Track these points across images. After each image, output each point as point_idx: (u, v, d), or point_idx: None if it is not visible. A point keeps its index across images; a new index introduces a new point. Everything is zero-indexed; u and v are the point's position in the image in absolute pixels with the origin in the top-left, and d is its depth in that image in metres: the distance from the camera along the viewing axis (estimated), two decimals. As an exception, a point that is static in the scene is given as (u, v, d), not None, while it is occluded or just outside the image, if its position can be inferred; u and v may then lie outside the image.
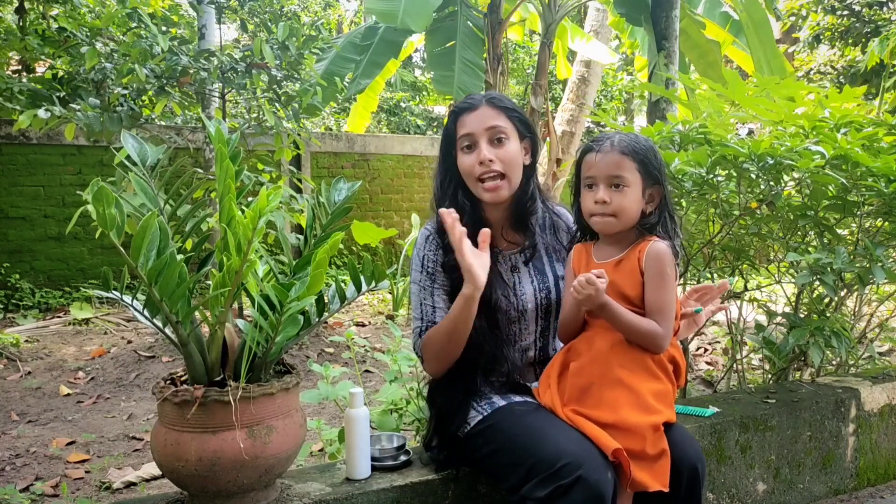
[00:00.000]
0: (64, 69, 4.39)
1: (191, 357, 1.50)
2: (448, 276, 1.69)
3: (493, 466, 1.63)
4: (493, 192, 1.68)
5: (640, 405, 1.48)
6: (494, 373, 1.73)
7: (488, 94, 1.77)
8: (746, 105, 2.59)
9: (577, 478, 1.39)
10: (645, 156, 1.56)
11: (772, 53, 5.38)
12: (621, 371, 1.51)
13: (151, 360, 4.36)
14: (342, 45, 6.00)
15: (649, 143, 1.60)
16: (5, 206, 6.44)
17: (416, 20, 5.11)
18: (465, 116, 1.70)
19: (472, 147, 1.68)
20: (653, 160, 1.57)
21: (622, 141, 1.57)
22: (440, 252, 1.71)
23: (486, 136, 1.67)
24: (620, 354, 1.52)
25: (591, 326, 1.60)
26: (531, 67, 12.51)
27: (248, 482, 1.49)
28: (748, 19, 5.28)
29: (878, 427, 2.58)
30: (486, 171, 1.66)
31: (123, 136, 1.64)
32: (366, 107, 7.72)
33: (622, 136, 1.59)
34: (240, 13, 4.32)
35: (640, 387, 1.50)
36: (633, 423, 1.46)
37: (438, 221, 1.68)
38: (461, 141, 1.70)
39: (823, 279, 2.25)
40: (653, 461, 1.45)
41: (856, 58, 9.26)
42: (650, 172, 1.56)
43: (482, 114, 1.69)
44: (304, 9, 13.23)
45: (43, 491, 2.59)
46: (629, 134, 1.61)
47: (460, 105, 1.73)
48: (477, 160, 1.66)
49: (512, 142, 1.69)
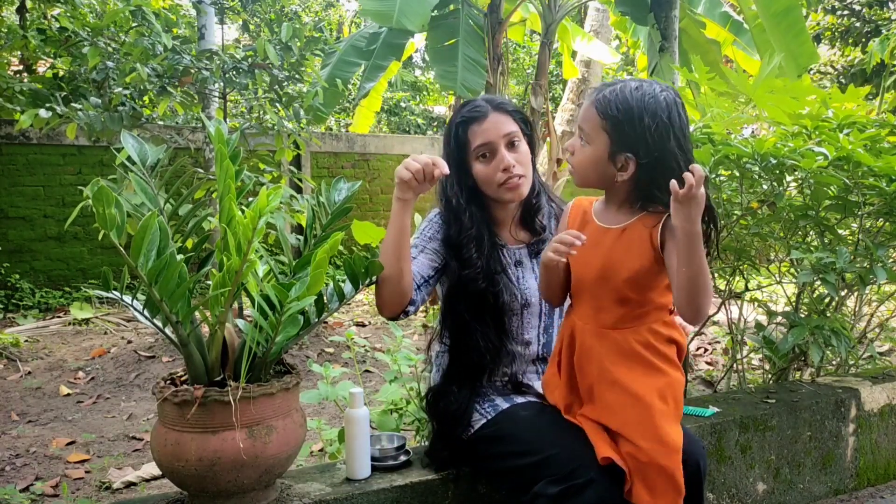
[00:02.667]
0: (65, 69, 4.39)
1: (191, 357, 1.50)
2: (445, 248, 1.72)
3: (500, 469, 1.62)
4: (515, 191, 1.70)
5: (645, 419, 1.39)
6: (497, 372, 1.73)
7: (490, 99, 1.76)
8: (762, 104, 2.59)
9: (591, 479, 1.39)
10: (617, 117, 1.36)
11: (798, 43, 5.03)
12: (616, 370, 1.43)
13: (151, 360, 4.36)
14: (344, 48, 6.01)
15: (643, 104, 1.35)
16: (5, 206, 6.44)
17: (413, 20, 5.09)
18: (477, 126, 1.70)
19: (490, 155, 1.69)
20: (627, 123, 1.35)
21: (603, 93, 1.40)
22: (443, 229, 1.74)
23: (503, 143, 1.69)
24: (609, 349, 1.44)
25: (573, 311, 1.53)
26: (531, 67, 12.51)
27: (248, 482, 1.49)
28: (765, 12, 5.04)
29: (878, 427, 2.58)
30: (510, 177, 1.68)
31: (123, 135, 1.64)
32: (370, 107, 7.72)
33: (616, 87, 1.40)
34: (241, 14, 4.32)
35: (641, 389, 1.41)
36: (639, 440, 1.39)
37: (447, 217, 1.74)
38: (478, 150, 1.70)
39: (826, 279, 2.25)
40: (657, 476, 1.38)
41: (856, 58, 9.26)
42: (622, 136, 1.37)
43: (495, 121, 1.69)
44: (305, 9, 13.22)
45: (43, 491, 2.59)
46: (635, 87, 1.38)
47: (468, 114, 1.72)
48: (499, 167, 1.68)
49: (523, 143, 1.72)
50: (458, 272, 1.69)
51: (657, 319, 1.46)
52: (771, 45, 5.35)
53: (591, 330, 1.48)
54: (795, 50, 5.05)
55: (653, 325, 1.45)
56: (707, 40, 5.57)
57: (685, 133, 1.39)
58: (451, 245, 1.71)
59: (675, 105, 1.38)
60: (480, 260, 1.68)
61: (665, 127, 1.35)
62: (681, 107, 1.39)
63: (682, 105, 1.40)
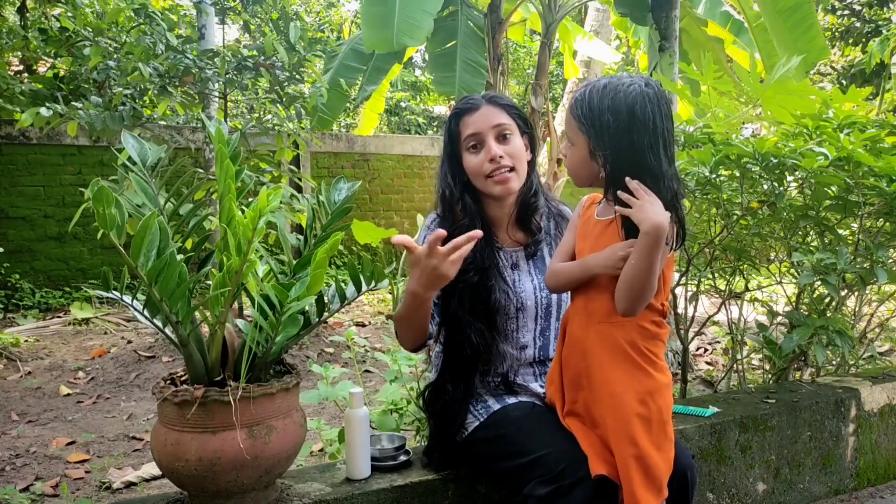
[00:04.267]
0: (65, 69, 4.40)
1: (191, 357, 1.50)
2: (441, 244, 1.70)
3: (493, 470, 1.63)
4: (504, 185, 1.69)
5: (619, 416, 1.39)
6: (490, 372, 1.73)
7: (487, 94, 1.78)
8: (769, 105, 2.59)
9: (579, 479, 1.39)
10: (585, 116, 1.40)
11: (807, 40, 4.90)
12: (597, 363, 1.43)
13: (151, 360, 4.36)
14: (345, 52, 6.01)
15: (605, 101, 1.37)
16: (5, 206, 6.44)
17: (414, 35, 5.05)
18: (468, 117, 1.71)
19: (479, 146, 1.70)
20: (594, 121, 1.38)
21: (576, 96, 1.44)
22: (439, 225, 1.75)
23: (492, 134, 1.69)
24: (594, 342, 1.44)
25: (571, 304, 1.54)
26: (531, 67, 12.51)
27: (248, 482, 1.49)
28: (771, 9, 4.95)
29: (878, 427, 2.58)
30: (497, 168, 1.67)
31: (124, 135, 1.64)
32: (373, 109, 7.72)
33: (587, 88, 1.43)
34: (243, 15, 4.32)
35: (619, 387, 1.40)
36: (619, 453, 1.38)
37: (442, 212, 1.76)
38: (467, 141, 1.71)
39: (826, 279, 2.26)
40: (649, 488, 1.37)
41: (856, 58, 9.26)
42: (593, 135, 1.40)
43: (486, 113, 1.70)
44: (306, 9, 13.22)
45: (43, 491, 2.59)
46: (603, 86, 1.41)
47: (461, 106, 1.74)
48: (486, 158, 1.68)
49: (516, 137, 1.72)
50: None
51: (645, 318, 1.45)
52: (772, 45, 5.33)
53: (580, 321, 1.49)
54: (803, 47, 4.91)
55: (641, 323, 1.44)
56: (709, 38, 5.55)
57: (657, 123, 1.37)
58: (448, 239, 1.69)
59: (641, 97, 1.36)
60: (474, 252, 1.65)
61: (629, 121, 1.36)
62: (650, 97, 1.37)
63: (654, 97, 1.37)
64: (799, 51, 4.84)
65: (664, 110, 1.39)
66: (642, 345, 1.43)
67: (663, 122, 1.38)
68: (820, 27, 5.14)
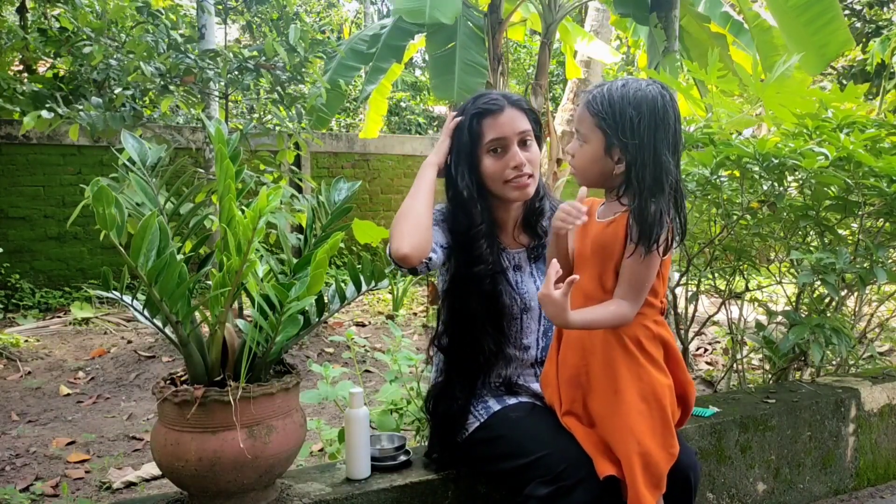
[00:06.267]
0: (65, 69, 4.39)
1: (191, 357, 1.50)
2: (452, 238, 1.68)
3: (494, 470, 1.63)
4: (522, 191, 1.66)
5: (628, 428, 1.39)
6: (493, 373, 1.73)
7: (507, 95, 1.70)
8: (770, 105, 2.58)
9: (580, 479, 1.40)
10: (606, 111, 1.41)
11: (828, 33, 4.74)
12: (607, 368, 1.43)
13: (151, 360, 4.36)
14: (345, 51, 6.00)
15: (628, 97, 1.40)
16: (5, 206, 6.44)
17: (446, 12, 5.04)
18: (492, 119, 1.64)
19: (502, 151, 1.65)
20: (615, 116, 1.40)
21: (593, 93, 1.45)
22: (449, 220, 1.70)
23: (517, 140, 1.65)
24: (595, 340, 1.45)
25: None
26: (531, 67, 12.50)
27: (248, 482, 1.49)
28: (782, 6, 4.83)
29: (878, 427, 2.58)
30: (519, 175, 1.64)
31: (124, 135, 1.64)
32: (377, 111, 7.69)
33: (603, 86, 1.45)
34: (245, 15, 4.31)
35: (622, 383, 1.41)
36: (622, 451, 1.39)
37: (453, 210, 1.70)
38: (489, 144, 1.64)
39: (826, 279, 2.26)
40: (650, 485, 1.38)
41: (856, 58, 9.26)
42: (613, 130, 1.41)
43: (511, 117, 1.65)
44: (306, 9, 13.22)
45: (43, 491, 2.59)
46: (622, 84, 1.43)
47: (484, 106, 1.66)
48: (509, 164, 1.64)
49: (535, 144, 1.70)
50: (463, 268, 1.65)
51: (647, 317, 1.46)
52: (771, 45, 5.33)
53: None
54: (821, 40, 4.81)
55: (642, 321, 1.45)
56: (711, 35, 5.53)
57: (671, 124, 1.41)
58: (460, 239, 1.66)
59: (660, 97, 1.41)
60: (492, 257, 1.65)
61: (650, 118, 1.39)
62: (667, 99, 1.41)
63: (668, 98, 1.42)
64: (816, 45, 4.73)
65: (678, 114, 1.44)
66: (646, 343, 1.44)
67: (676, 125, 1.42)
68: (844, 19, 4.98)
